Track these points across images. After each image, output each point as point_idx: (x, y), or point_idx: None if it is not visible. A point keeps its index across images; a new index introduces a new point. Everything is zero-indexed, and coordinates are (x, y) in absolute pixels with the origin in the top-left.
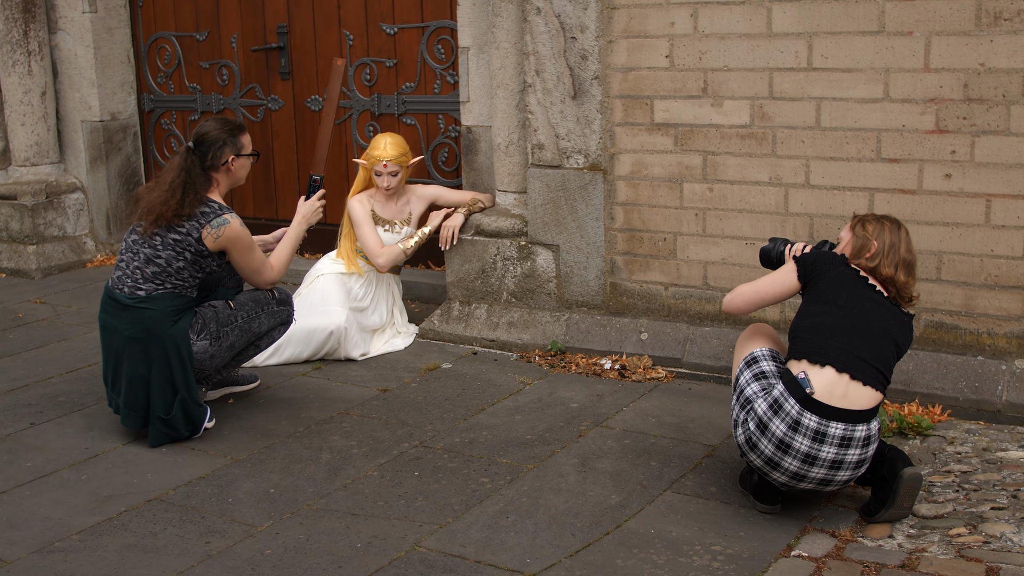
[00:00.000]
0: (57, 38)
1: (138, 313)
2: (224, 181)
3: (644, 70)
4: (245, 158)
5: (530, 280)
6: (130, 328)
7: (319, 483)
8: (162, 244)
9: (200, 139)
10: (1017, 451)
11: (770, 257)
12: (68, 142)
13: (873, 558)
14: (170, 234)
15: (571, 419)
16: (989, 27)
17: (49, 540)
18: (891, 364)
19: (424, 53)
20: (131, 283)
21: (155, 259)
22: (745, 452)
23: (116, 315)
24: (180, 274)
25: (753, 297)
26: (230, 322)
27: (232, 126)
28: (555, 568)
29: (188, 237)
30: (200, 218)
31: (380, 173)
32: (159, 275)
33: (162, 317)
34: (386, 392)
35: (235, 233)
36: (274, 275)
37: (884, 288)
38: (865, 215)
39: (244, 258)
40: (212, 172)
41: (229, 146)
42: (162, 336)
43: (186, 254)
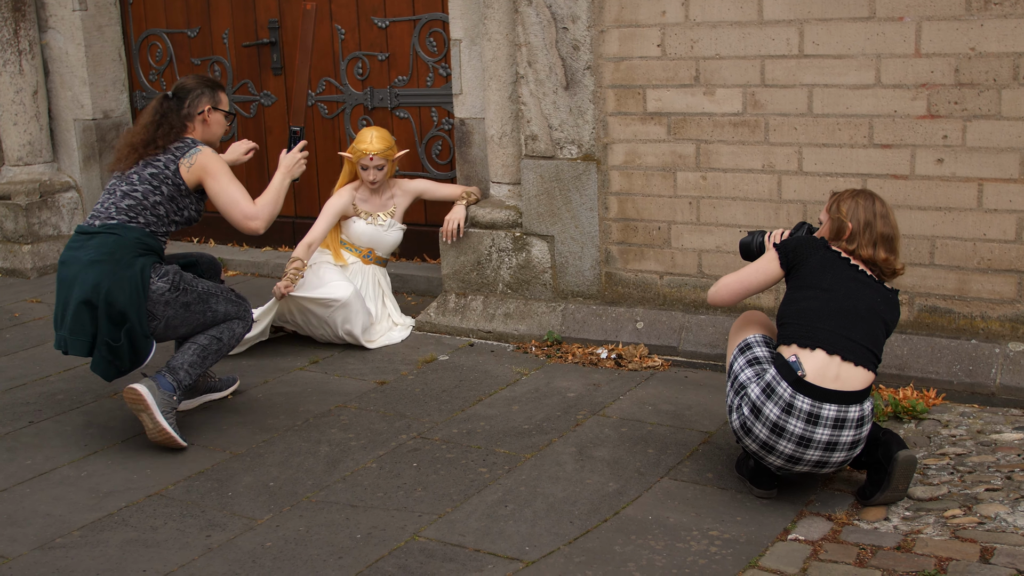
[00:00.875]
0: (48, 37)
1: (104, 238)
2: (198, 132)
3: (636, 59)
4: (221, 113)
5: (525, 271)
6: (92, 252)
7: (318, 476)
8: (139, 179)
9: (178, 88)
10: (1011, 433)
11: (750, 249)
12: (61, 141)
13: (869, 540)
14: (146, 169)
15: (568, 408)
16: (979, 11)
17: (50, 536)
18: (881, 342)
19: (416, 46)
20: (104, 217)
21: (131, 193)
22: (740, 437)
23: (80, 245)
24: (156, 209)
25: (738, 288)
26: (192, 284)
27: (211, 81)
28: (554, 555)
29: (165, 170)
30: (175, 151)
31: (366, 167)
32: (134, 207)
33: (127, 245)
34: (383, 385)
35: (208, 158)
36: (255, 209)
37: (867, 267)
38: (840, 193)
39: (220, 185)
40: (187, 121)
41: (207, 96)
42: (123, 262)
43: (163, 188)
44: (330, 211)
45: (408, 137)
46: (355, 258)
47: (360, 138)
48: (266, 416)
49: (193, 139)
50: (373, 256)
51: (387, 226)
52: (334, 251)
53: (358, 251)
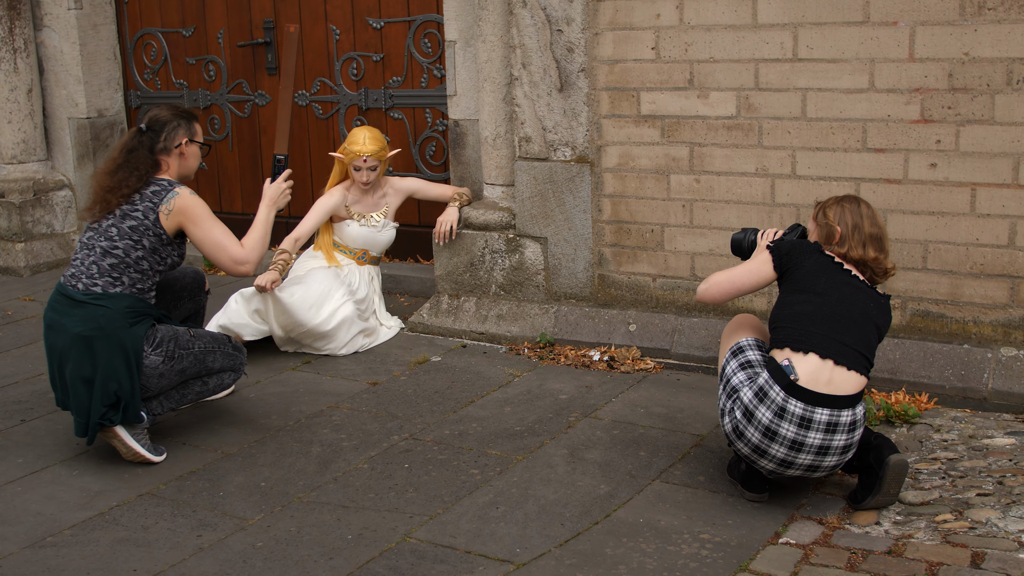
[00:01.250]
0: (43, 35)
1: (92, 310)
2: (174, 167)
3: (630, 62)
4: (197, 145)
5: (518, 273)
6: (81, 325)
7: (310, 476)
8: (118, 233)
9: (153, 121)
10: (1003, 438)
11: (741, 246)
12: (55, 139)
13: (860, 544)
14: (125, 221)
15: (560, 410)
16: (973, 16)
17: (41, 535)
18: (873, 347)
19: (411, 47)
20: (86, 279)
21: (112, 251)
22: (733, 441)
23: (66, 312)
24: (139, 264)
25: (728, 287)
26: (187, 347)
27: (186, 111)
28: (545, 558)
29: (144, 220)
30: (153, 198)
31: (359, 168)
32: (117, 267)
33: (117, 316)
34: (376, 385)
35: (186, 202)
36: (244, 253)
37: (859, 271)
38: (825, 201)
39: (203, 230)
40: (163, 156)
41: (183, 129)
42: (114, 336)
43: (144, 241)
44: (320, 209)
45: (402, 138)
46: (349, 260)
47: (352, 139)
48: (258, 416)
49: (168, 180)
50: (368, 257)
51: (381, 226)
52: (326, 253)
53: (352, 253)
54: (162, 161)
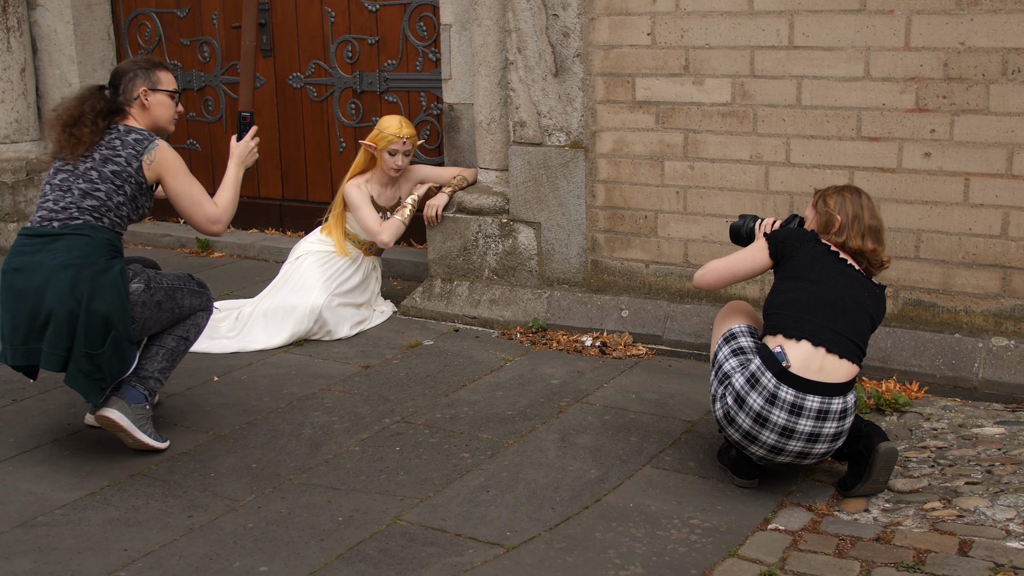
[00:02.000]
0: (36, 14)
1: (74, 239)
2: (140, 118)
3: (626, 48)
4: (163, 94)
5: (512, 257)
6: (62, 256)
7: (301, 458)
8: (99, 176)
9: (113, 75)
10: (992, 427)
11: (740, 234)
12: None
13: (849, 531)
14: (107, 166)
15: (552, 395)
16: (970, 6)
17: (32, 514)
18: (866, 337)
19: (406, 30)
20: (64, 217)
21: (93, 192)
22: (724, 427)
23: (40, 249)
24: (119, 210)
25: (724, 273)
26: (158, 281)
27: (148, 61)
28: (535, 541)
29: (127, 167)
30: (136, 146)
31: (395, 152)
32: (98, 208)
33: (100, 247)
34: (368, 368)
35: (166, 155)
36: (218, 211)
37: (855, 261)
38: (825, 189)
39: (182, 184)
40: (127, 107)
41: (141, 78)
42: (100, 264)
43: (126, 187)
44: (363, 201)
45: None
46: (357, 251)
47: (386, 124)
48: (250, 398)
49: (147, 131)
50: (375, 248)
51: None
52: (338, 244)
53: (361, 244)
54: (128, 112)
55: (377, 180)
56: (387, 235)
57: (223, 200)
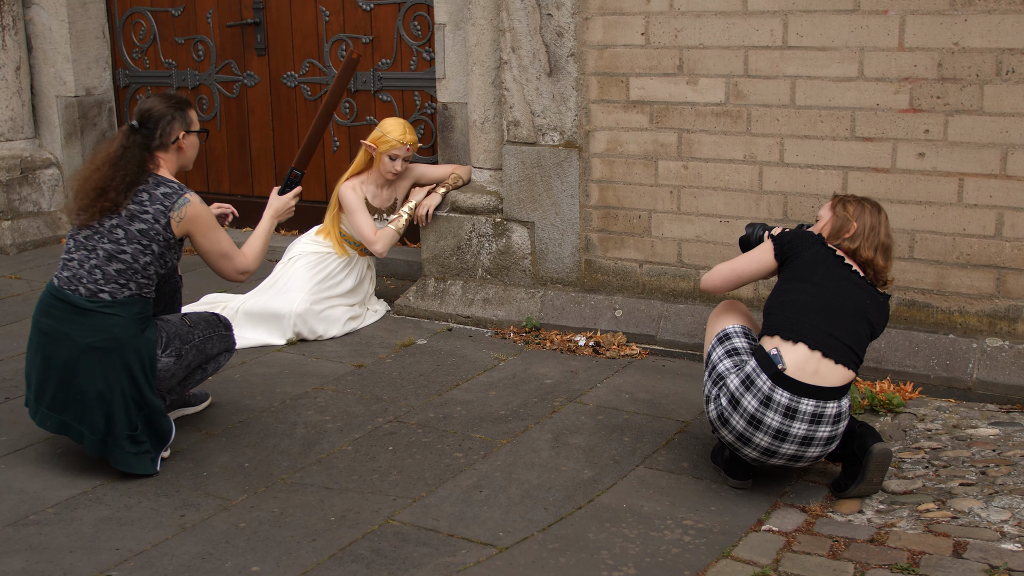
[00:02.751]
0: (32, 12)
1: (103, 319)
2: (173, 161)
3: (620, 47)
4: (195, 135)
5: (505, 257)
6: (91, 336)
7: (293, 457)
8: (126, 237)
9: (145, 116)
10: (986, 428)
11: (750, 243)
12: (43, 117)
13: (843, 533)
14: (134, 224)
15: (545, 395)
16: (963, 6)
17: (24, 513)
18: (864, 344)
19: (400, 29)
20: (89, 283)
21: (119, 255)
22: (717, 428)
23: (69, 320)
24: (147, 271)
25: (730, 275)
26: (189, 340)
27: (178, 100)
28: (527, 542)
29: (155, 225)
30: (164, 201)
31: (396, 157)
32: (124, 273)
33: (130, 325)
34: (361, 368)
35: (197, 211)
36: (247, 263)
37: (861, 269)
38: (846, 195)
39: (210, 240)
40: (160, 152)
41: (178, 121)
42: (129, 347)
43: (153, 246)
44: (359, 206)
45: None
46: (353, 251)
47: (389, 128)
48: (242, 397)
49: (178, 184)
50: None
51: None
52: (337, 244)
53: (356, 245)
54: (159, 157)
55: (373, 181)
56: (381, 245)
57: (252, 251)
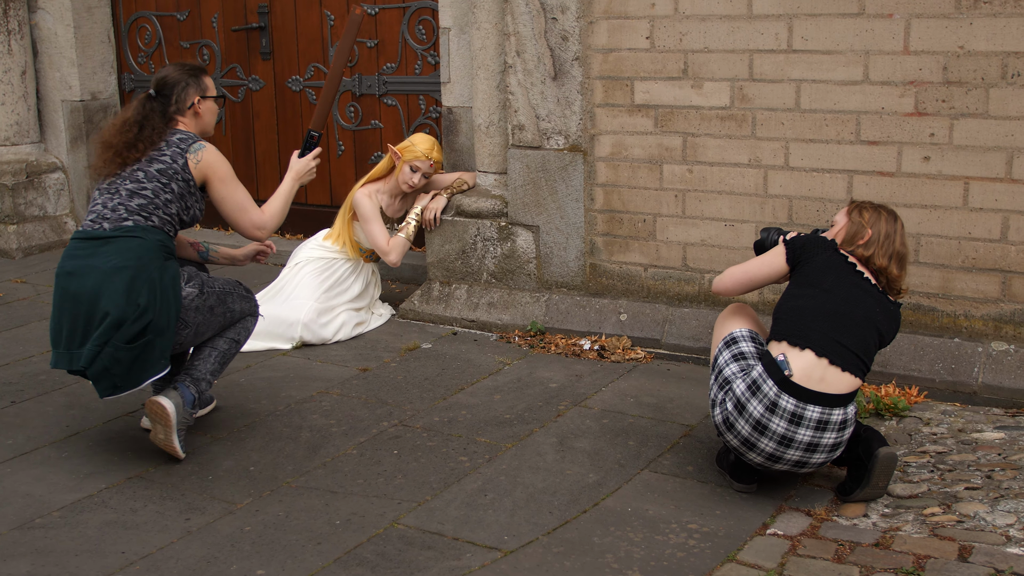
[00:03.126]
0: (37, 17)
1: (126, 242)
2: (192, 126)
3: (624, 51)
4: (211, 100)
5: (510, 261)
6: (115, 258)
7: (298, 461)
8: (145, 176)
9: (160, 84)
10: (992, 432)
11: (764, 248)
12: (48, 122)
13: (848, 536)
14: (152, 165)
15: (550, 399)
16: (969, 10)
17: (30, 517)
18: (872, 351)
19: (405, 34)
20: (114, 218)
21: (140, 191)
22: (722, 432)
23: (93, 253)
24: (167, 208)
25: (742, 278)
26: (211, 284)
27: (192, 67)
28: (532, 545)
29: (173, 164)
30: (180, 144)
31: (417, 169)
32: (146, 207)
33: (153, 248)
34: (366, 371)
35: (214, 157)
36: (265, 218)
37: (874, 277)
38: (863, 202)
39: (228, 189)
40: (178, 117)
41: (193, 87)
42: (152, 267)
43: (172, 184)
44: (374, 215)
45: (396, 125)
46: (358, 258)
47: (419, 141)
48: (247, 401)
49: (196, 134)
50: (374, 255)
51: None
52: (352, 249)
53: (363, 251)
54: (179, 121)
55: (388, 191)
56: (395, 255)
57: (271, 209)
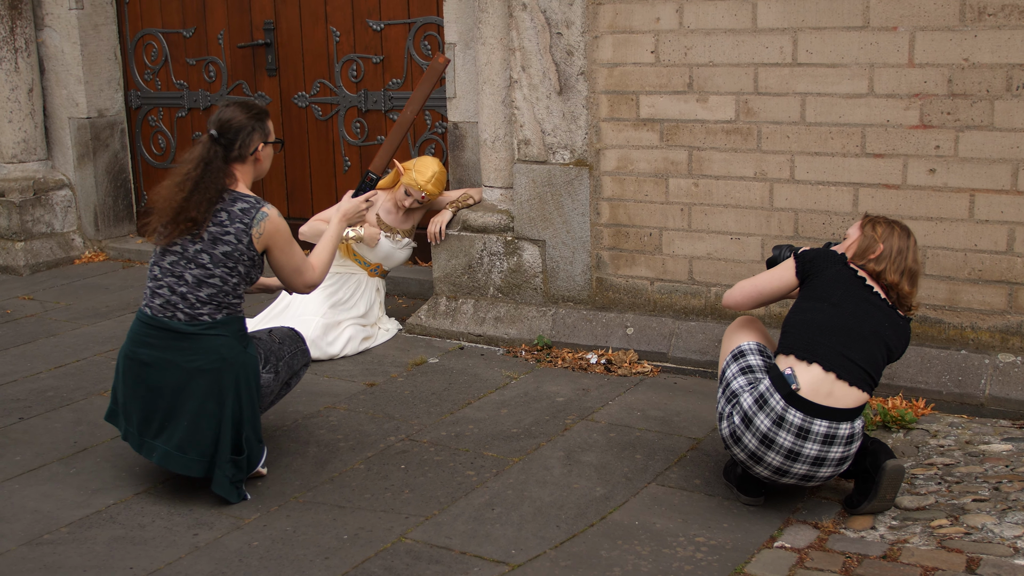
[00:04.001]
0: (44, 35)
1: (208, 341)
2: (249, 174)
3: (630, 65)
4: (272, 146)
5: (516, 275)
6: (199, 359)
7: (306, 476)
8: (211, 261)
9: (225, 126)
10: (999, 444)
11: (777, 263)
12: (55, 139)
13: (855, 549)
14: (217, 248)
15: (557, 413)
16: (973, 22)
17: (38, 533)
18: (880, 367)
19: (411, 49)
20: (186, 308)
21: (208, 280)
22: (729, 445)
23: (172, 348)
24: (236, 291)
25: (752, 292)
26: (281, 356)
27: (258, 110)
28: (540, 559)
29: (238, 245)
30: (243, 218)
31: (410, 195)
32: (215, 296)
33: (234, 343)
34: (373, 386)
35: (276, 226)
36: (315, 276)
37: (884, 292)
38: (876, 216)
39: (287, 255)
40: (238, 164)
41: (258, 132)
42: (237, 364)
43: (239, 267)
44: None
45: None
46: (360, 270)
47: (422, 168)
48: None
49: (255, 197)
50: (380, 270)
51: (403, 244)
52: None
53: (366, 264)
54: (236, 170)
55: (392, 200)
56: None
57: (320, 262)
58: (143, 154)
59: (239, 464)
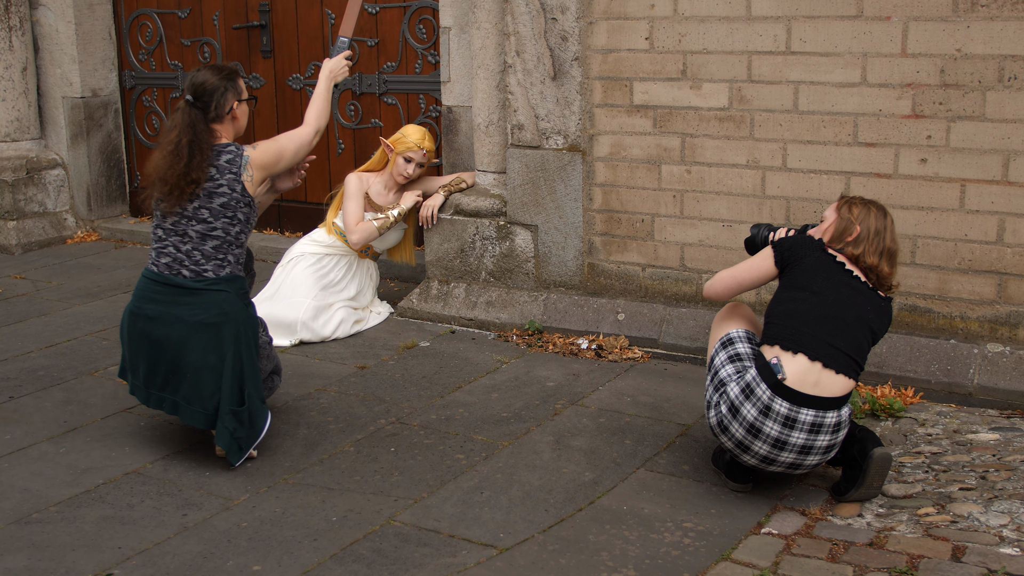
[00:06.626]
0: (39, 13)
1: (212, 296)
2: (229, 131)
3: (624, 52)
4: (245, 103)
5: (508, 260)
6: (202, 313)
7: (296, 458)
8: (211, 214)
9: (199, 89)
10: (987, 433)
11: (755, 244)
12: (49, 118)
13: (842, 536)
14: (214, 200)
15: (547, 398)
16: (966, 12)
17: (27, 511)
18: (865, 352)
19: (406, 33)
20: (191, 265)
21: (211, 233)
22: (717, 434)
23: (177, 301)
24: (239, 239)
25: (731, 282)
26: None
27: (228, 71)
28: (528, 543)
29: (233, 194)
30: (232, 167)
31: (411, 160)
32: (220, 248)
33: (237, 300)
34: (364, 369)
35: (259, 158)
36: (308, 131)
37: (865, 275)
38: (852, 197)
39: (279, 158)
40: (216, 124)
41: (231, 91)
42: (239, 319)
43: (238, 214)
44: (356, 194)
45: (396, 124)
46: (353, 254)
47: (409, 132)
48: None
49: (234, 144)
50: (371, 252)
51: (396, 226)
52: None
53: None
54: (216, 129)
55: (382, 181)
56: (358, 236)
57: (310, 116)
58: (137, 134)
59: (240, 417)
